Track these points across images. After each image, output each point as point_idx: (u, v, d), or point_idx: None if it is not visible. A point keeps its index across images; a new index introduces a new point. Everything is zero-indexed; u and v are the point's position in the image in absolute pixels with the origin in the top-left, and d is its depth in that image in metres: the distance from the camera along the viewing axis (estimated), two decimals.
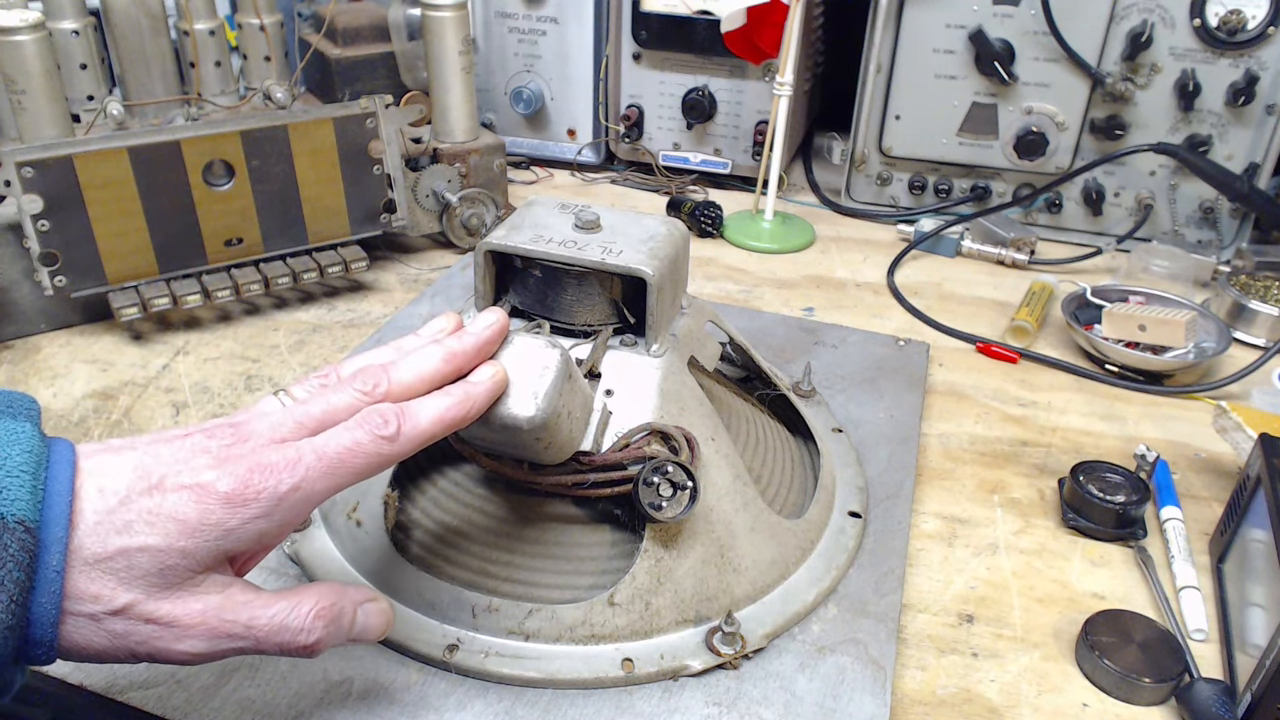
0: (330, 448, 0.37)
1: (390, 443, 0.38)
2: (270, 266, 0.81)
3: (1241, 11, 0.88)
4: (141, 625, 0.35)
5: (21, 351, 0.76)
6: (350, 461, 0.38)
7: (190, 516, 0.35)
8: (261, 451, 0.37)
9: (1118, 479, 0.61)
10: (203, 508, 0.35)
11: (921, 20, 0.98)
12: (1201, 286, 0.90)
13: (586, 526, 0.51)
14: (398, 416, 0.39)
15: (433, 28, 0.91)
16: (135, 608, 0.35)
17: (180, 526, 0.35)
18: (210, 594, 0.36)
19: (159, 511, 0.35)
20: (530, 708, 0.46)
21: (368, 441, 0.38)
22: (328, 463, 0.37)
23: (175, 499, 0.35)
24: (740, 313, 0.84)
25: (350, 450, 0.38)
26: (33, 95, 0.75)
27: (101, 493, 0.35)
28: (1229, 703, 0.46)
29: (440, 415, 0.40)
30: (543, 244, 0.51)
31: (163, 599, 0.35)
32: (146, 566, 0.34)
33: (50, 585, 0.33)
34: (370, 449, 0.38)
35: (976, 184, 1.04)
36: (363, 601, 0.41)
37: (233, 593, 0.37)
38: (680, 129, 1.13)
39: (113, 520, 0.34)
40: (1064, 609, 0.54)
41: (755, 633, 0.49)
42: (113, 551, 0.34)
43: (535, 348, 0.44)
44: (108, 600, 0.34)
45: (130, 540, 0.34)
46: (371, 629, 0.41)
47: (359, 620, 0.41)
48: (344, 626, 0.40)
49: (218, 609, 0.36)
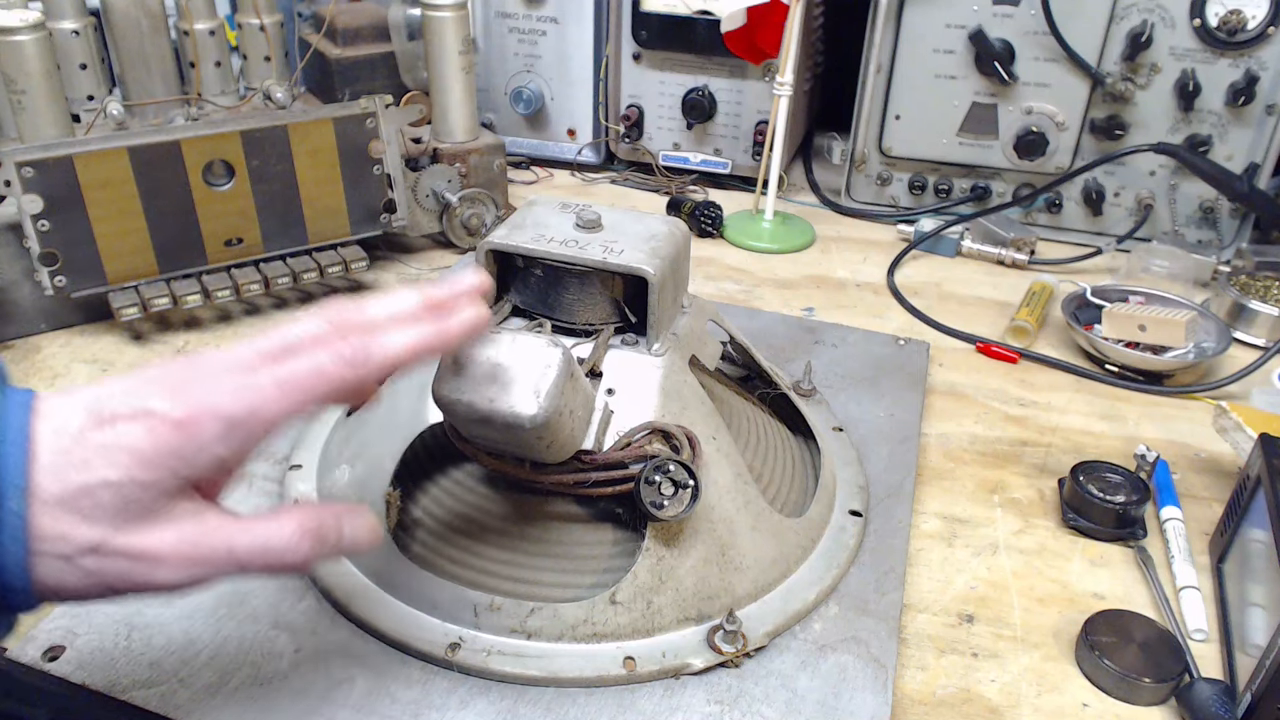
0: (288, 371, 0.36)
1: (355, 367, 0.37)
2: (270, 266, 0.81)
3: (1241, 11, 0.88)
4: (115, 560, 0.35)
5: (21, 351, 0.76)
6: (311, 385, 0.36)
7: (144, 446, 0.34)
8: (216, 378, 0.36)
9: (1118, 479, 0.61)
10: (155, 436, 0.34)
11: (921, 20, 0.98)
12: (1201, 286, 0.90)
13: (588, 525, 0.51)
14: (364, 340, 0.37)
15: (433, 28, 0.91)
16: (105, 544, 0.34)
17: (135, 457, 0.34)
18: (183, 521, 0.36)
19: (113, 445, 0.34)
20: (532, 706, 0.46)
21: (331, 365, 0.37)
22: (288, 387, 0.36)
23: (127, 430, 0.34)
24: (741, 312, 0.84)
25: (311, 373, 0.36)
26: (33, 95, 0.75)
27: (56, 433, 0.34)
28: (1229, 703, 0.46)
29: (411, 344, 0.39)
30: (544, 243, 0.52)
31: (132, 532, 0.35)
32: (109, 501, 0.34)
33: (13, 529, 0.33)
34: (334, 372, 0.37)
35: (976, 184, 1.04)
36: (346, 514, 0.40)
37: (207, 518, 0.36)
38: (680, 129, 1.13)
39: (69, 458, 0.34)
40: (1064, 609, 0.54)
41: (757, 631, 0.50)
42: (73, 489, 0.34)
43: (537, 346, 0.44)
44: (76, 539, 0.34)
45: (89, 476, 0.34)
46: (360, 541, 0.40)
47: (345, 533, 0.39)
48: (330, 540, 0.39)
49: (193, 536, 0.36)
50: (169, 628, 0.48)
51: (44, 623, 0.48)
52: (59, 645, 0.47)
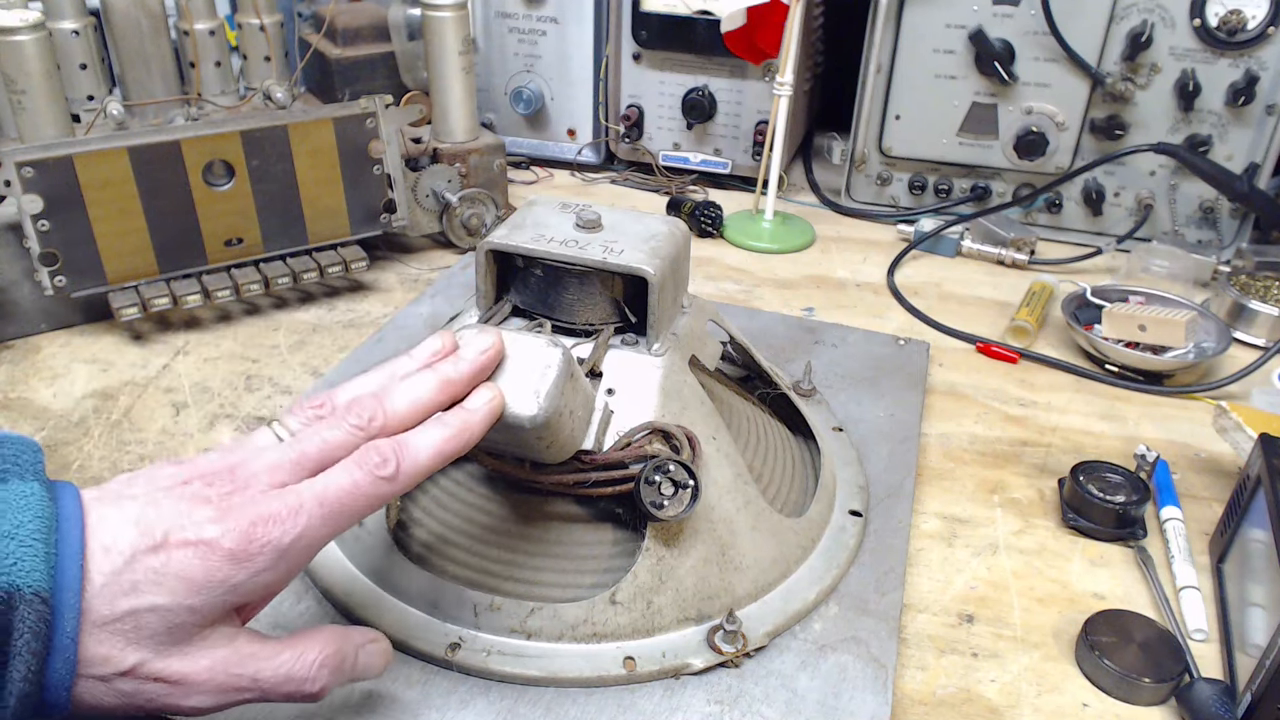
0: (330, 492, 0.37)
1: (389, 482, 0.38)
2: (270, 266, 0.81)
3: (1241, 11, 0.88)
4: (149, 684, 0.35)
5: (21, 351, 0.76)
6: (350, 505, 0.38)
7: (196, 574, 0.35)
8: (262, 501, 0.36)
9: (1118, 479, 0.61)
10: (208, 565, 0.35)
11: (921, 20, 0.98)
12: (1201, 286, 0.90)
13: (588, 525, 0.51)
14: (395, 454, 0.39)
15: (433, 28, 0.91)
16: (143, 667, 0.35)
17: (186, 585, 0.35)
18: (217, 648, 0.36)
19: (165, 570, 0.34)
20: (532, 706, 0.46)
21: (367, 483, 0.38)
22: (329, 508, 0.37)
23: (180, 557, 0.35)
24: (741, 312, 0.84)
25: (350, 493, 0.37)
26: (33, 95, 0.75)
27: (106, 552, 0.34)
28: (1229, 703, 0.46)
29: (438, 449, 0.40)
30: (544, 243, 0.52)
31: (170, 657, 0.35)
32: (154, 626, 0.34)
33: (65, 652, 0.33)
34: (369, 490, 0.38)
35: (976, 184, 1.04)
36: (364, 644, 0.42)
37: (239, 645, 0.37)
38: (680, 129, 1.13)
39: (119, 582, 0.34)
40: (1064, 609, 0.54)
41: (757, 631, 0.50)
42: (121, 613, 0.34)
43: (537, 347, 0.44)
44: (116, 661, 0.34)
45: (138, 601, 0.34)
46: (372, 668, 0.42)
47: (361, 662, 0.41)
48: (346, 671, 0.40)
49: (224, 663, 0.36)
50: None
51: None
52: None
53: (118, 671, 0.34)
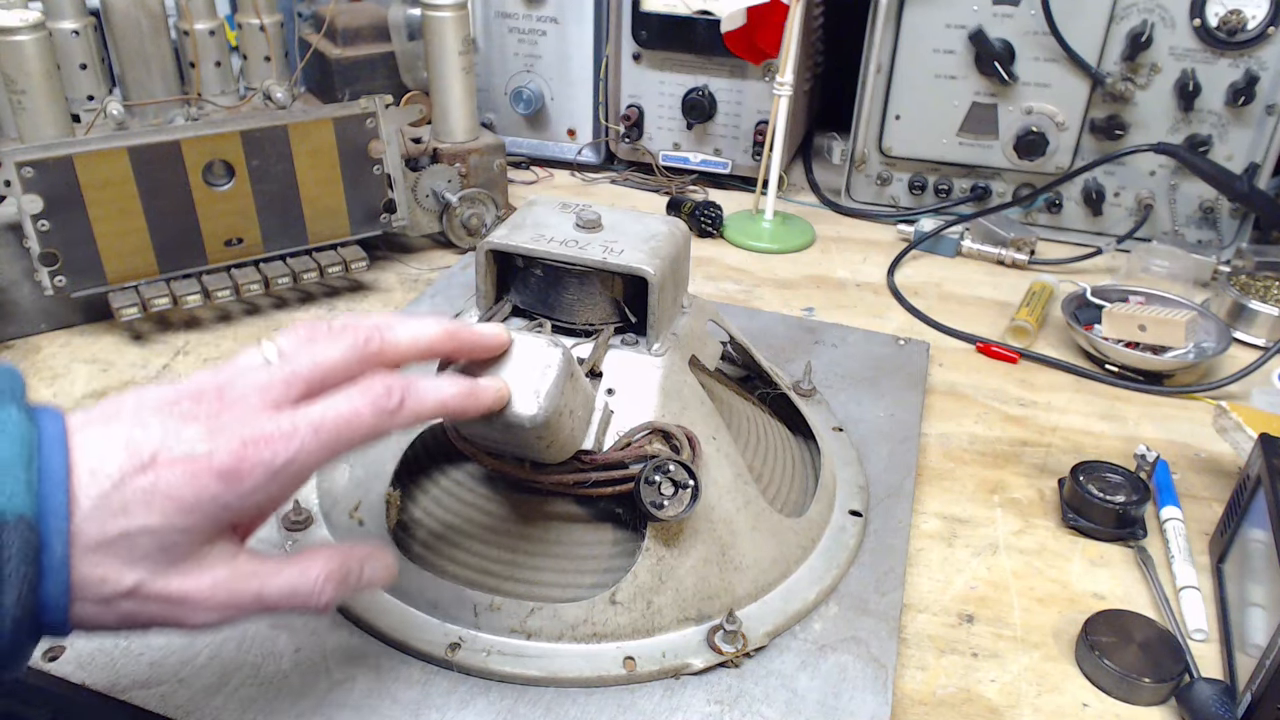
0: (329, 417, 0.36)
1: (390, 415, 0.37)
2: (270, 266, 0.81)
3: (1241, 11, 0.88)
4: (151, 604, 0.35)
5: (21, 351, 0.76)
6: (347, 433, 0.37)
7: (186, 494, 0.34)
8: (254, 420, 0.35)
9: (1118, 479, 0.61)
10: (198, 484, 0.34)
11: (921, 20, 0.98)
12: (1201, 286, 0.90)
13: (588, 525, 0.51)
14: (402, 389, 0.38)
15: (433, 28, 0.91)
16: (143, 587, 0.34)
17: (177, 505, 0.34)
18: (218, 566, 0.36)
19: (154, 491, 0.34)
20: (532, 706, 0.46)
21: (368, 412, 0.37)
22: (325, 434, 0.36)
23: (169, 476, 0.34)
24: (741, 312, 0.84)
25: (349, 421, 0.36)
26: (33, 95, 0.75)
27: (94, 475, 0.34)
28: (1229, 703, 0.46)
29: (443, 399, 0.39)
30: (544, 243, 0.52)
31: (170, 576, 0.35)
32: (149, 547, 0.34)
33: (58, 574, 0.33)
34: (369, 420, 0.37)
35: (976, 184, 1.04)
36: (367, 557, 0.41)
37: (240, 563, 0.37)
38: (680, 129, 1.13)
39: (109, 503, 0.33)
40: (1064, 609, 0.54)
41: (757, 631, 0.50)
42: (113, 535, 0.34)
43: (537, 346, 0.44)
44: (114, 583, 0.34)
45: (129, 522, 0.34)
46: (377, 581, 0.41)
47: (365, 574, 0.40)
48: (351, 584, 0.40)
49: (226, 581, 0.36)
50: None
51: None
52: (59, 645, 0.47)
53: (117, 593, 0.34)
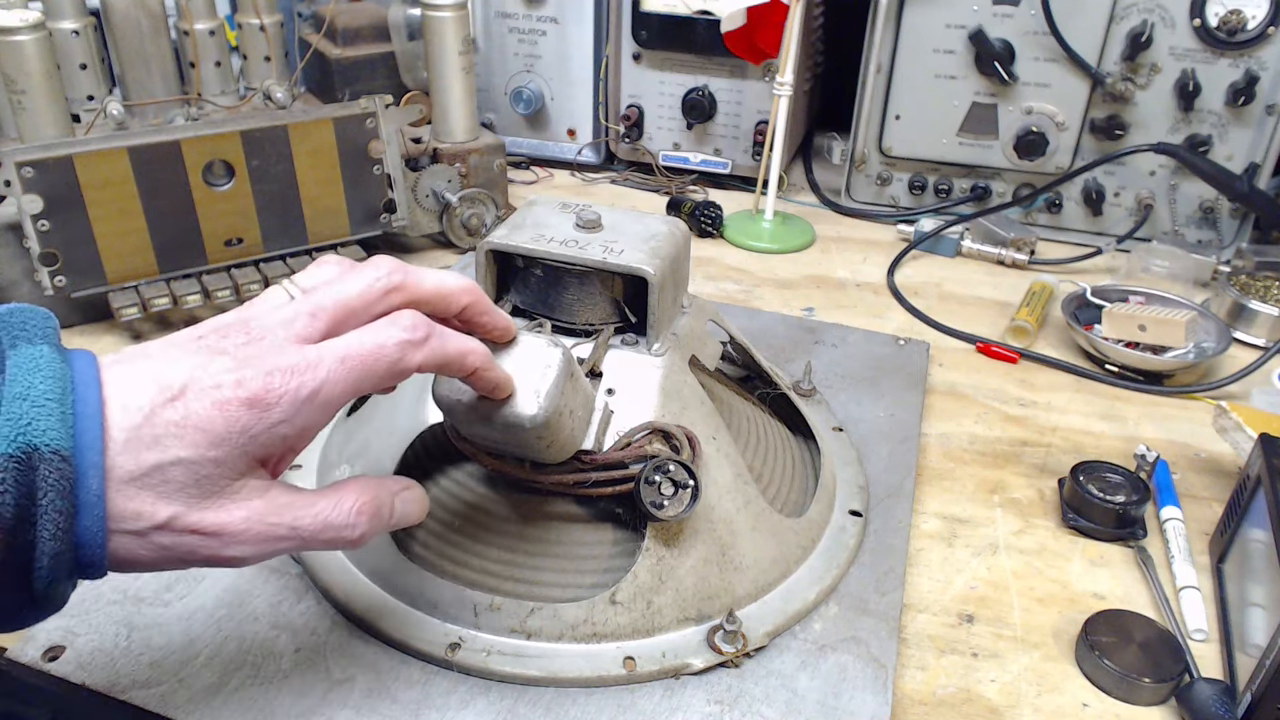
0: (354, 349, 0.37)
1: (416, 348, 0.38)
2: (270, 266, 0.81)
3: (1241, 11, 0.88)
4: (187, 536, 0.35)
5: None
6: (373, 365, 0.37)
7: (216, 425, 0.35)
8: (280, 352, 0.36)
9: (1118, 479, 0.61)
10: (226, 414, 0.35)
11: (921, 20, 0.98)
12: (1201, 286, 0.90)
13: (588, 525, 0.51)
14: (429, 327, 0.38)
15: (433, 28, 0.91)
16: (178, 520, 0.35)
17: (207, 436, 0.34)
18: (252, 499, 0.36)
19: (185, 423, 0.34)
20: (532, 706, 0.46)
21: (393, 344, 0.37)
22: (350, 365, 0.37)
23: (198, 407, 0.34)
24: (740, 312, 0.84)
25: (374, 352, 0.37)
26: (33, 95, 0.75)
27: (125, 409, 0.34)
28: (1229, 703, 0.46)
29: (467, 349, 0.40)
30: (544, 243, 0.52)
31: (205, 509, 0.35)
32: (182, 479, 0.34)
33: (94, 509, 0.33)
34: (393, 353, 0.37)
35: (976, 184, 1.04)
36: (399, 491, 0.41)
37: (274, 495, 0.37)
38: (680, 129, 1.13)
39: (141, 436, 0.34)
40: (1064, 609, 0.54)
41: (757, 631, 0.50)
42: (147, 468, 0.34)
43: (537, 346, 0.44)
44: (149, 516, 0.34)
45: (162, 455, 0.34)
46: (410, 515, 0.42)
47: (398, 509, 0.41)
48: (384, 517, 0.40)
49: (260, 513, 0.36)
50: (169, 628, 0.48)
51: (44, 622, 0.48)
52: (59, 645, 0.47)
53: (153, 525, 0.34)
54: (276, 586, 0.51)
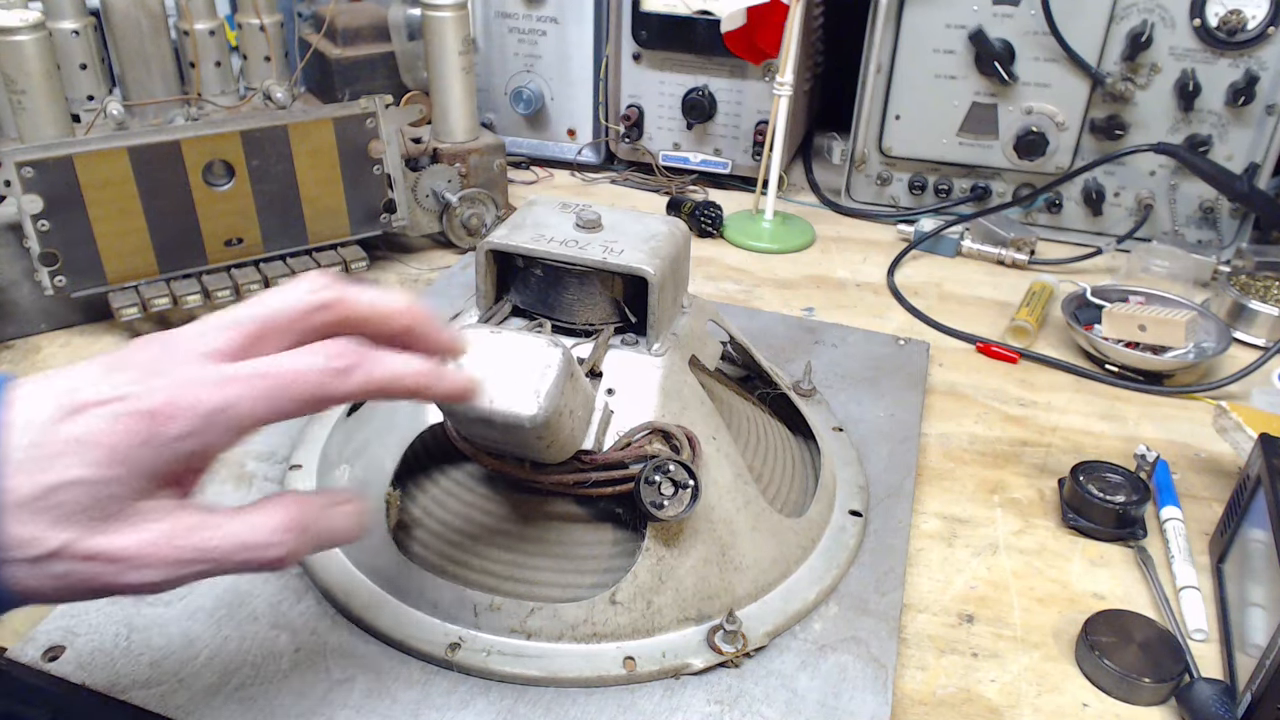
0: (273, 369, 0.35)
1: (339, 377, 0.35)
2: (270, 266, 0.81)
3: (1241, 11, 0.88)
4: (82, 564, 0.33)
5: (21, 351, 0.76)
6: (292, 389, 0.35)
7: (116, 440, 0.32)
8: (187, 366, 0.34)
9: (1118, 479, 0.61)
10: (127, 428, 0.33)
11: (921, 20, 0.98)
12: (1201, 286, 0.90)
13: (588, 525, 0.51)
14: (358, 356, 0.36)
15: (433, 28, 0.91)
16: (72, 547, 0.32)
17: (107, 453, 0.32)
18: (155, 521, 0.34)
19: (85, 439, 0.32)
20: (532, 706, 0.46)
21: (315, 372, 0.35)
22: (263, 386, 0.34)
23: (97, 422, 0.32)
24: (740, 312, 0.84)
25: (294, 377, 0.35)
26: (33, 95, 0.75)
27: (26, 428, 0.32)
28: (1229, 703, 0.46)
29: (400, 374, 0.37)
30: (544, 243, 0.52)
31: (102, 533, 0.33)
32: (80, 500, 0.32)
33: None
34: (314, 379, 0.35)
35: (976, 184, 1.04)
36: (331, 504, 0.38)
37: (180, 517, 0.34)
38: (680, 129, 1.13)
39: (38, 454, 0.32)
40: (1064, 609, 0.54)
41: (757, 631, 0.50)
42: (43, 489, 0.32)
43: (537, 346, 0.44)
44: (42, 543, 0.32)
45: (61, 475, 0.32)
46: (345, 531, 0.38)
47: (329, 525, 0.38)
48: (314, 533, 0.37)
49: (166, 536, 0.34)
50: (169, 628, 0.49)
51: (44, 623, 0.48)
52: (59, 645, 0.47)
53: (45, 553, 0.32)
54: (276, 586, 0.51)
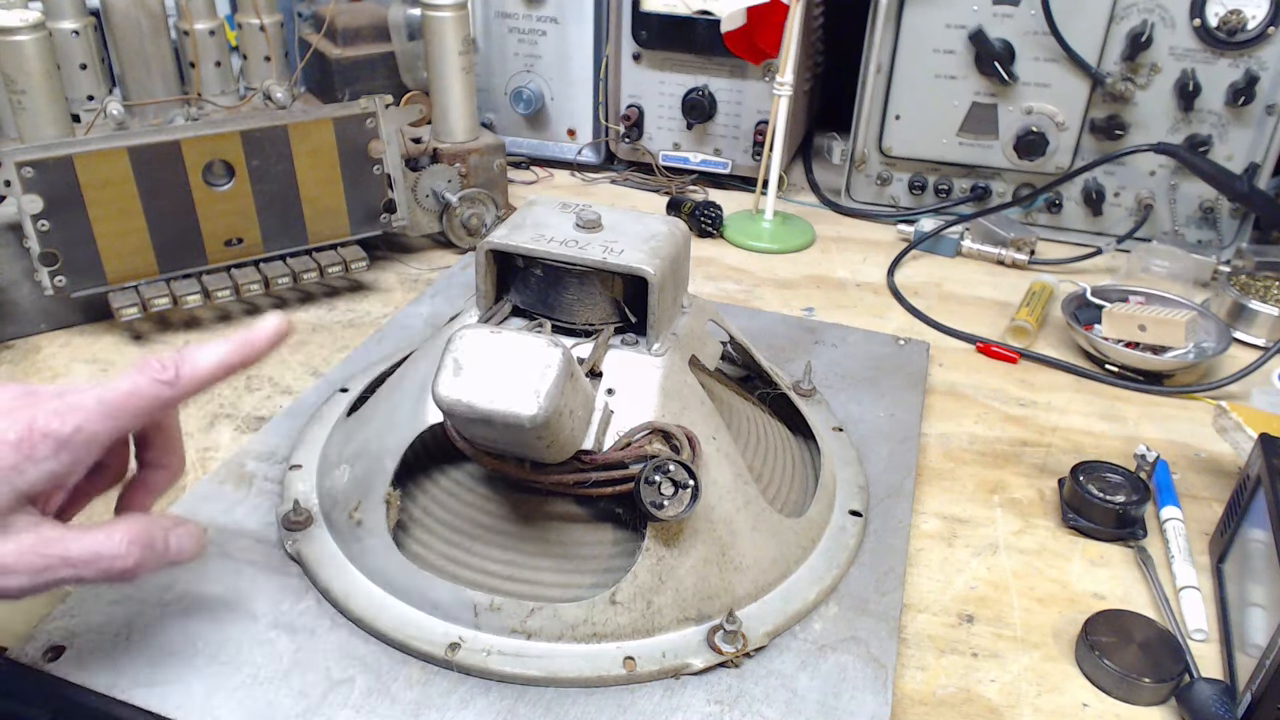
0: (109, 393, 0.42)
1: (169, 385, 0.42)
2: (270, 266, 0.81)
3: (1241, 11, 0.88)
4: None
5: (21, 351, 0.76)
6: (131, 404, 0.42)
7: None
8: (47, 402, 0.41)
9: (1118, 479, 0.61)
10: None
11: (921, 20, 0.98)
12: (1201, 286, 0.90)
13: (588, 525, 0.51)
14: (175, 362, 0.43)
15: (433, 28, 0.91)
16: None
17: None
18: (22, 534, 0.40)
19: None
20: (532, 706, 0.46)
21: (145, 384, 0.42)
22: (108, 406, 0.41)
23: None
24: (741, 312, 0.84)
25: (129, 394, 0.42)
26: (33, 95, 0.75)
27: None
28: (1229, 703, 0.46)
29: (219, 357, 0.44)
30: (544, 243, 0.52)
31: None
32: None
33: None
34: (148, 391, 0.42)
35: (976, 184, 1.04)
36: (173, 527, 0.44)
37: (44, 531, 0.41)
38: (680, 129, 1.13)
39: None
40: (1064, 609, 0.54)
41: (757, 631, 0.50)
42: None
43: (537, 346, 0.44)
44: None
45: None
46: (185, 551, 0.45)
47: (172, 544, 0.44)
48: (158, 550, 0.43)
49: (32, 546, 0.40)
50: (169, 628, 0.48)
51: (44, 623, 0.48)
52: (59, 645, 0.47)
53: None
54: (276, 586, 0.51)
